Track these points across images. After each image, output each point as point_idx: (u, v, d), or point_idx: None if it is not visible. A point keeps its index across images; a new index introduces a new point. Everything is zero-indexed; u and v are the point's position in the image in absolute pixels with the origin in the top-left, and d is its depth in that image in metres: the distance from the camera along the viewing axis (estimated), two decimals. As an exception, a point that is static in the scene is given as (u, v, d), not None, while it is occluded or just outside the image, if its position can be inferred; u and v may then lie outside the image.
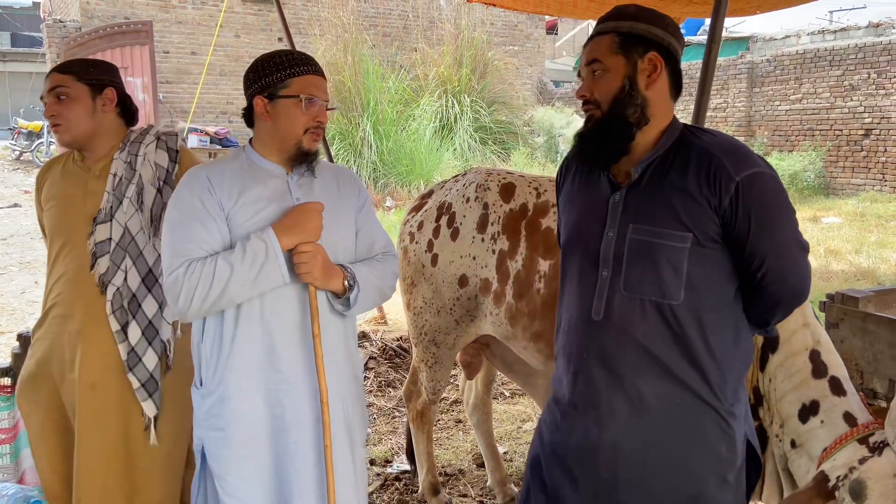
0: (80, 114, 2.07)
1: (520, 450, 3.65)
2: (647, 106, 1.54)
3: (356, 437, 1.89)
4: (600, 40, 1.57)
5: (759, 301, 1.56)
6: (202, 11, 14.31)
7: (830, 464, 1.74)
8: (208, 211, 1.70)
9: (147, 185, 2.10)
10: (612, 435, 1.56)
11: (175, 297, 1.66)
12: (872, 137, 11.92)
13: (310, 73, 1.75)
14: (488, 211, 2.62)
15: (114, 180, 2.07)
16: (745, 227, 1.47)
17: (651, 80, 1.54)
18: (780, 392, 1.93)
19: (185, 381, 2.18)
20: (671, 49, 1.55)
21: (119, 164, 2.09)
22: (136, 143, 2.13)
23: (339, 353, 1.83)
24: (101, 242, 2.03)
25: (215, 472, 1.76)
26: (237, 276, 1.64)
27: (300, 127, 1.74)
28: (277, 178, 1.79)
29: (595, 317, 1.57)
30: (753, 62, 13.61)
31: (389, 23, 16.01)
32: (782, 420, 1.93)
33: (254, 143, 1.82)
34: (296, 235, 1.70)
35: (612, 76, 1.54)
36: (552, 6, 4.88)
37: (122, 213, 2.05)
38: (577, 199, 1.68)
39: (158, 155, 2.13)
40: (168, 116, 13.69)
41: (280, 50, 1.80)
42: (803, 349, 1.91)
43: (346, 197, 1.88)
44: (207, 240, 1.68)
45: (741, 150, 1.51)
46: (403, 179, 12.14)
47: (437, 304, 2.70)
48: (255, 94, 1.75)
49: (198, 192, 1.71)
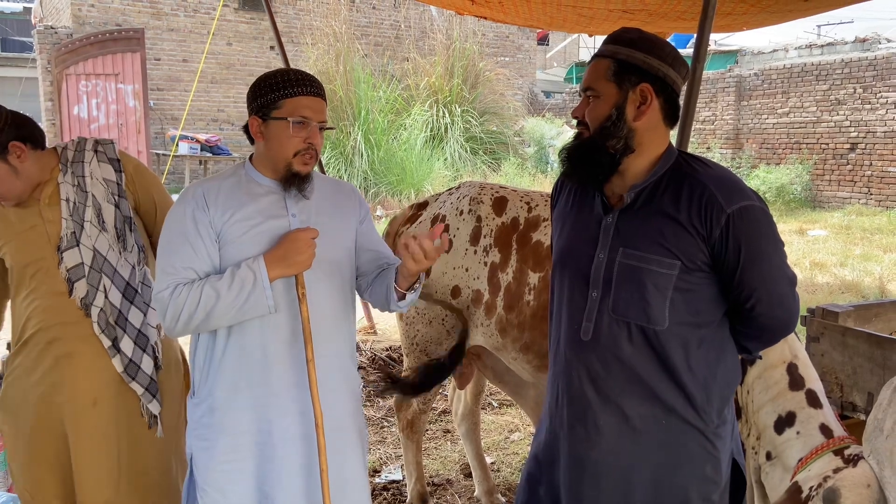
0: (6, 184, 1.98)
1: (507, 460, 3.68)
2: (633, 136, 1.54)
3: (354, 457, 1.86)
4: (598, 64, 1.57)
5: (745, 330, 1.58)
6: (194, 19, 14.32)
7: (804, 474, 1.77)
8: (199, 230, 1.70)
9: (103, 202, 2.08)
10: (598, 454, 1.58)
11: (161, 316, 1.69)
12: (858, 151, 12.07)
13: (303, 95, 1.72)
14: (481, 224, 2.66)
15: (68, 206, 2.04)
16: (734, 259, 1.48)
17: (641, 111, 1.53)
18: (757, 403, 1.97)
19: (173, 377, 2.24)
20: (667, 80, 1.54)
21: (67, 188, 2.05)
22: (77, 164, 2.07)
23: (336, 375, 1.81)
24: (73, 268, 2.02)
25: (198, 481, 1.77)
26: (223, 303, 1.64)
27: (290, 150, 1.72)
28: (274, 194, 1.78)
29: (584, 336, 1.58)
30: (741, 76, 13.76)
31: (381, 32, 16.08)
32: (759, 432, 1.96)
33: (253, 160, 1.83)
34: (286, 267, 1.68)
35: (603, 103, 1.55)
36: (542, 20, 4.95)
37: (86, 236, 2.04)
38: (570, 218, 1.69)
39: (104, 169, 2.10)
40: (159, 123, 13.68)
41: (281, 69, 1.79)
42: (781, 362, 1.95)
43: (345, 211, 1.88)
44: (195, 260, 1.69)
45: (733, 183, 1.51)
46: (394, 189, 12.17)
47: (429, 314, 2.73)
48: (251, 113, 1.76)
49: (191, 208, 1.72)
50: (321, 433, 1.71)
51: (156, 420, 2.14)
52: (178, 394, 2.26)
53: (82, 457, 2.07)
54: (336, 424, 1.78)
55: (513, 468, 3.58)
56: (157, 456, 2.17)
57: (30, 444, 2.10)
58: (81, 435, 2.06)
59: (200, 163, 13.24)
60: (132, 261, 2.13)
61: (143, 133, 12.53)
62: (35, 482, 2.11)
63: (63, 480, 2.11)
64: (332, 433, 1.75)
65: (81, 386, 2.05)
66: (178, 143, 12.41)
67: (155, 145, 13.25)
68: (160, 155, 12.96)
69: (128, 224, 2.12)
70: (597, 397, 1.57)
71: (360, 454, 1.89)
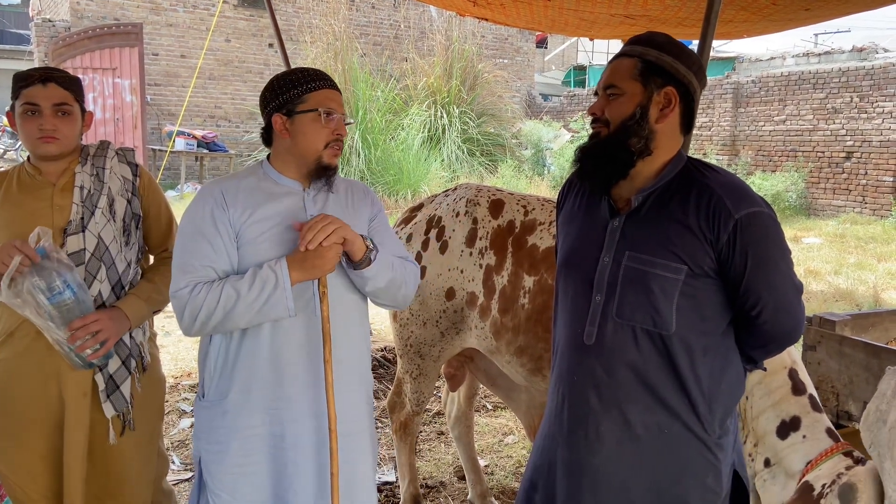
0: (75, 131, 2.10)
1: (501, 463, 3.67)
2: (652, 138, 1.54)
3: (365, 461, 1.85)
4: (623, 63, 1.56)
5: (751, 338, 1.57)
6: (193, 15, 14.29)
7: (815, 474, 1.76)
8: (217, 228, 1.69)
9: (117, 195, 2.12)
10: (598, 460, 1.56)
11: (179, 315, 1.67)
12: (854, 160, 12.12)
13: (326, 88, 1.75)
14: (477, 226, 2.65)
15: (81, 192, 2.07)
16: (741, 265, 1.47)
17: (663, 114, 1.53)
18: (756, 409, 1.96)
19: (153, 382, 2.23)
20: (690, 87, 1.55)
21: (84, 176, 2.10)
22: (99, 157, 2.15)
23: (351, 377, 1.79)
24: (74, 253, 2.02)
25: (209, 486, 1.75)
26: (242, 304, 1.63)
27: (321, 141, 1.73)
28: (294, 194, 1.78)
29: (587, 341, 1.57)
30: (739, 82, 13.80)
31: (381, 32, 16.08)
32: (757, 438, 1.95)
33: (272, 160, 1.82)
34: (308, 271, 1.67)
35: (627, 101, 1.53)
36: (544, 23, 4.94)
37: (94, 223, 2.05)
38: (576, 221, 1.68)
39: (122, 168, 2.18)
40: (155, 119, 13.64)
41: (295, 68, 1.81)
42: (781, 367, 1.95)
43: (359, 210, 1.87)
44: (213, 258, 1.68)
45: (742, 189, 1.51)
46: (391, 189, 12.16)
47: (423, 315, 2.72)
48: (274, 111, 1.74)
49: (210, 206, 1.71)
50: (334, 436, 1.70)
51: (122, 422, 2.12)
52: (155, 407, 2.26)
53: (74, 449, 2.05)
54: (350, 428, 1.77)
55: (507, 471, 3.57)
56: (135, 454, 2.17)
57: (21, 437, 2.08)
58: (77, 426, 2.05)
59: (197, 159, 13.22)
60: (130, 257, 2.14)
61: (140, 128, 12.48)
62: (27, 476, 2.10)
63: (55, 475, 2.09)
64: (346, 437, 1.74)
65: (73, 377, 2.04)
66: (174, 138, 12.37)
67: (151, 141, 13.21)
68: (156, 150, 12.93)
69: (135, 220, 2.17)
70: (599, 403, 1.56)
71: (371, 458, 1.88)
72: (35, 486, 2.10)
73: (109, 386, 2.08)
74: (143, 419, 2.18)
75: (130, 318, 2.06)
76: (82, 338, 1.93)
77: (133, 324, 2.08)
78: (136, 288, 2.13)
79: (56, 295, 1.89)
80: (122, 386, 2.10)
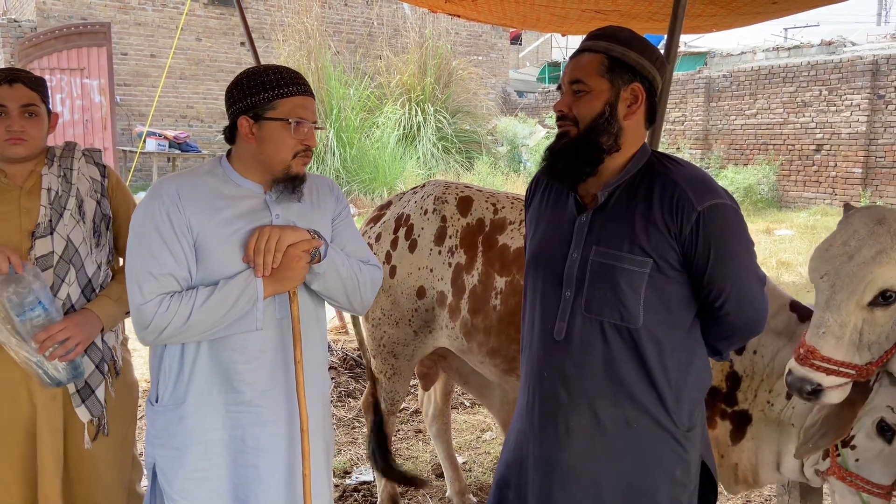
0: (43, 132, 2.07)
1: (479, 460, 3.67)
2: (621, 134, 1.54)
3: (325, 461, 1.84)
4: (588, 58, 1.54)
5: (715, 329, 1.58)
6: (162, 14, 14.09)
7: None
8: (175, 233, 1.60)
9: (86, 196, 2.09)
10: (568, 455, 1.57)
11: (141, 328, 1.60)
12: (823, 153, 12.31)
13: (299, 94, 1.65)
14: (446, 224, 2.63)
15: (49, 195, 2.04)
16: (704, 257, 1.48)
17: (631, 110, 1.54)
18: (769, 354, 1.97)
19: (126, 386, 2.20)
20: (654, 83, 1.55)
21: (51, 178, 2.06)
22: (66, 158, 2.12)
23: (310, 378, 1.76)
24: (43, 257, 1.99)
25: (166, 492, 1.71)
26: (211, 319, 1.59)
27: (288, 151, 1.65)
28: (255, 197, 1.70)
29: (557, 336, 1.57)
30: (710, 77, 13.95)
31: (354, 30, 15.99)
32: (776, 378, 1.96)
33: (232, 160, 1.72)
34: (280, 283, 1.63)
35: (595, 99, 1.53)
36: (516, 19, 4.94)
37: (62, 225, 2.02)
38: (544, 218, 1.68)
39: (90, 169, 2.15)
40: (125, 119, 13.43)
41: (267, 66, 1.69)
42: (781, 305, 1.97)
43: (323, 207, 1.80)
44: (174, 266, 1.60)
45: (705, 181, 1.52)
46: (367, 187, 12.11)
47: (395, 315, 2.70)
48: (240, 113, 1.64)
49: (166, 207, 1.61)
50: (306, 437, 1.67)
51: (96, 427, 2.09)
52: (128, 411, 2.23)
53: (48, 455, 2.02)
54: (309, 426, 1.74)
55: (484, 468, 3.57)
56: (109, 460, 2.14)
57: None
58: (50, 431, 2.02)
59: (169, 160, 13.03)
60: (100, 259, 2.11)
61: (110, 129, 12.27)
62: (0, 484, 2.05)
63: (28, 484, 2.05)
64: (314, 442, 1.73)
65: None
66: (145, 139, 12.19)
67: (121, 142, 13.00)
68: (126, 152, 12.72)
69: (105, 222, 2.14)
70: (568, 398, 1.56)
71: (325, 454, 1.86)
72: (8, 495, 2.06)
73: (84, 391, 2.05)
74: (117, 424, 2.15)
75: (102, 320, 2.02)
76: (50, 348, 1.89)
77: (105, 325, 2.04)
78: (106, 289, 2.10)
79: (27, 311, 1.85)
80: (96, 390, 2.07)
